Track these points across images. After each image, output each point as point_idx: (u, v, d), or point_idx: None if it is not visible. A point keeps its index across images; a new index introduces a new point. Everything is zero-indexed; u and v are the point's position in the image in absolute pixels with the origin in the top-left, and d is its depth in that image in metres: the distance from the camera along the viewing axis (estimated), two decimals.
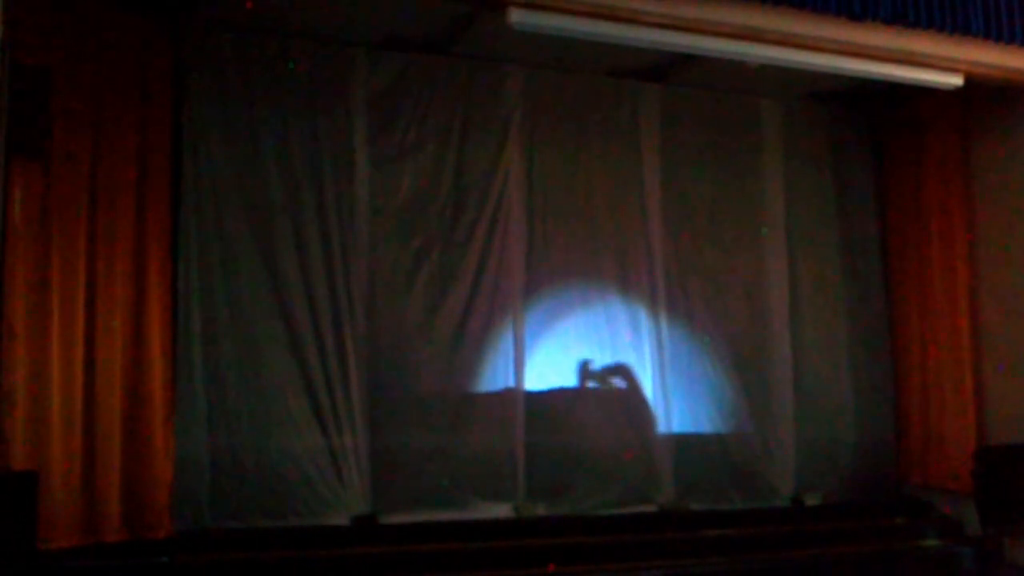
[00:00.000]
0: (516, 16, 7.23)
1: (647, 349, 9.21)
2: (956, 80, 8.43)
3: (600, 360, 9.08)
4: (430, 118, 8.65)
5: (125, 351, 7.28)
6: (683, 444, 9.19)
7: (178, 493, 7.39)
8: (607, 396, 9.16)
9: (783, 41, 7.87)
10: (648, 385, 9.19)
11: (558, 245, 9.01)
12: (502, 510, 8.49)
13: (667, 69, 9.24)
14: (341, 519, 7.98)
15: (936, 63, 8.27)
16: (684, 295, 9.41)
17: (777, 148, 9.89)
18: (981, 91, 8.81)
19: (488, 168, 8.81)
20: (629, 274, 9.23)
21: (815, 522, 9.28)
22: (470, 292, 8.62)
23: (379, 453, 8.19)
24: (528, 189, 8.94)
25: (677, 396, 9.27)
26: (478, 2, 7.71)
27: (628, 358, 9.15)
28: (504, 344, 8.71)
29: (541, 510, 8.59)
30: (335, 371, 8.09)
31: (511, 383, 8.69)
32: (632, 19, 7.44)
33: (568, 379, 9.02)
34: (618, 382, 9.19)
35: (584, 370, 9.08)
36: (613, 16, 7.37)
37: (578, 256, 9.09)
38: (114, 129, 7.36)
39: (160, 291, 7.48)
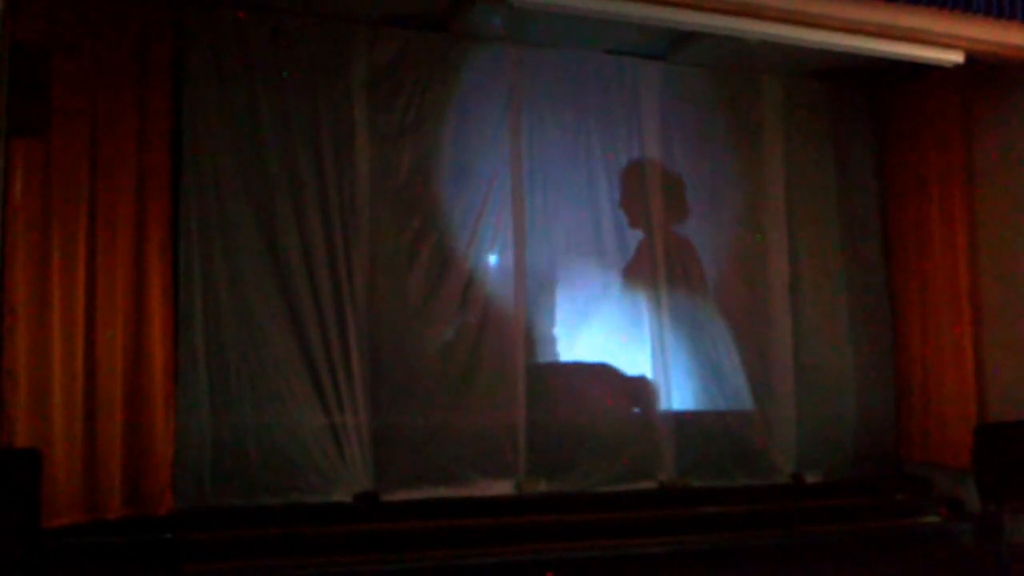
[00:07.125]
0: None
1: (647, 326, 9.21)
2: (957, 57, 8.43)
3: (599, 336, 9.09)
4: (430, 95, 8.64)
5: (126, 329, 7.31)
6: (684, 421, 9.21)
7: (180, 470, 7.45)
8: (608, 372, 9.17)
9: (784, 18, 7.87)
10: (648, 362, 9.21)
11: (558, 223, 9.01)
12: (503, 487, 8.52)
13: (667, 47, 9.21)
14: (343, 496, 8.01)
15: (937, 40, 8.27)
16: (684, 272, 9.41)
17: (778, 126, 9.87)
18: (982, 68, 8.78)
19: (488, 146, 8.80)
20: (629, 251, 9.22)
21: (815, 499, 9.29)
22: (470, 270, 8.63)
23: (380, 431, 8.22)
24: (528, 167, 8.92)
25: (677, 373, 9.28)
26: None
27: (628, 335, 9.16)
28: (504, 321, 8.72)
29: (542, 487, 8.62)
30: (336, 349, 8.11)
31: (511, 360, 8.70)
32: None
33: (568, 355, 9.03)
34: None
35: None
36: None
37: (578, 234, 9.09)
38: (114, 107, 7.38)
39: (161, 269, 7.49)
